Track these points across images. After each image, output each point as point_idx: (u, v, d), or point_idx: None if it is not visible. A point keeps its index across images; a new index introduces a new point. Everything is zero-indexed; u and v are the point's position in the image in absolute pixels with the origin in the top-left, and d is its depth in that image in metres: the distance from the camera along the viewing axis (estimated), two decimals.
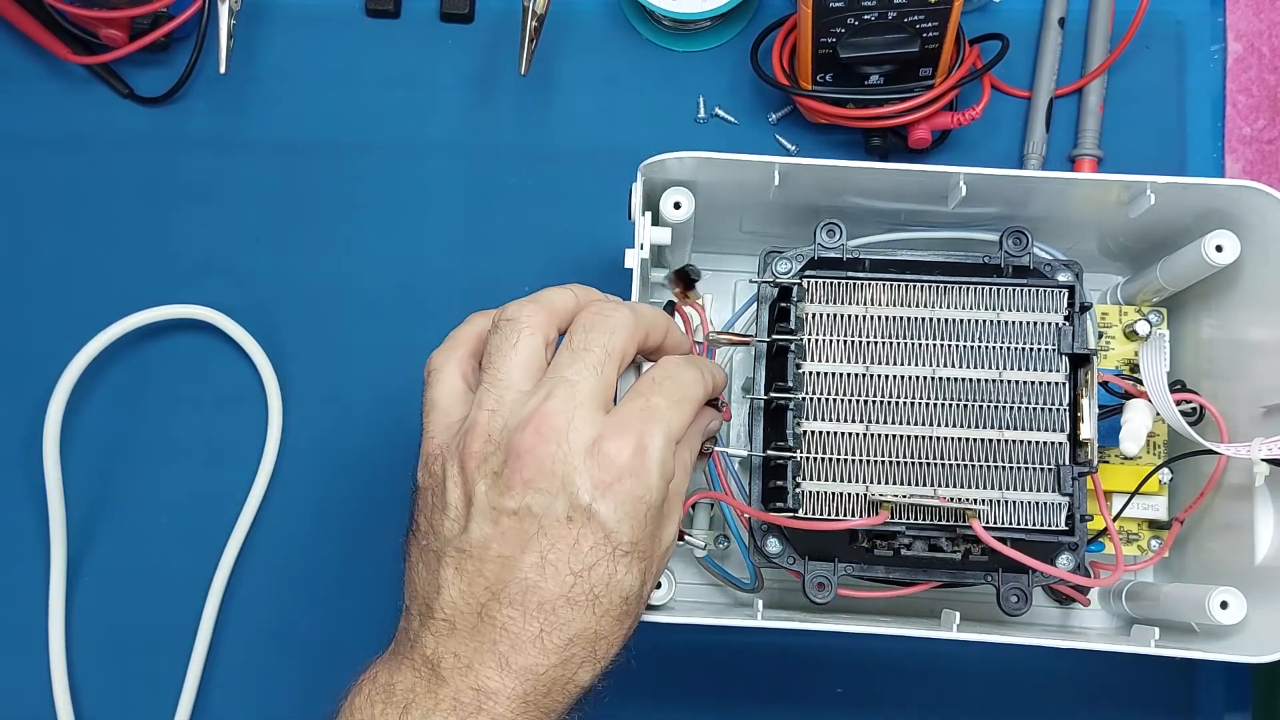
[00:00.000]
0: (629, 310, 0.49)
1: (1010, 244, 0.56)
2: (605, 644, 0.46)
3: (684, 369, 0.49)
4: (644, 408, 0.47)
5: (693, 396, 0.49)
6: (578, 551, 0.45)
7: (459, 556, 0.46)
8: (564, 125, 0.72)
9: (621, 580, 0.45)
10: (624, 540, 0.45)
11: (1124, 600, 0.62)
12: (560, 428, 0.45)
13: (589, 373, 0.46)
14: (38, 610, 0.67)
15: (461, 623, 0.45)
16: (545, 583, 0.44)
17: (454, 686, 0.44)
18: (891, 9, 0.62)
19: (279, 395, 0.69)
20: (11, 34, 0.72)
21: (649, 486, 0.46)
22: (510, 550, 0.45)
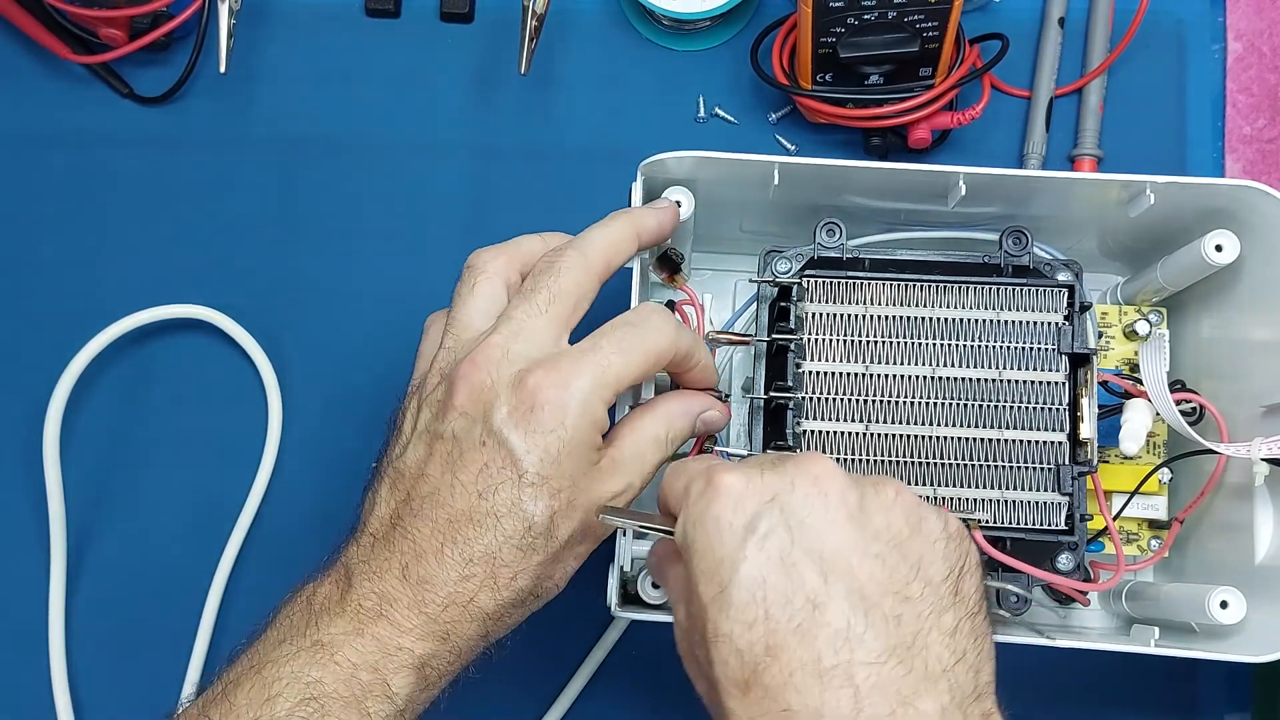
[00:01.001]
0: (577, 251, 0.50)
1: (1010, 244, 0.56)
2: (507, 572, 0.47)
3: (647, 316, 0.50)
4: (584, 349, 0.48)
5: (646, 347, 0.49)
6: (486, 473, 0.46)
7: (394, 476, 0.49)
8: (564, 125, 0.72)
9: (526, 508, 0.46)
10: (530, 470, 0.46)
11: (1124, 600, 0.62)
12: (494, 359, 0.47)
13: (534, 311, 0.48)
14: (38, 610, 0.67)
15: (381, 535, 0.48)
16: (454, 500, 0.46)
17: (359, 592, 0.47)
18: (891, 9, 0.62)
19: (279, 395, 0.69)
20: (11, 33, 0.72)
21: (563, 421, 0.46)
22: (434, 471, 0.47)
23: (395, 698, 0.46)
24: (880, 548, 0.41)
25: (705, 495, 0.43)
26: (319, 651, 0.46)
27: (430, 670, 0.47)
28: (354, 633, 0.46)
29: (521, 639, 0.66)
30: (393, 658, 0.46)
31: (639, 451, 0.50)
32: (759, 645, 0.40)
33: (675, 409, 0.51)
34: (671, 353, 0.50)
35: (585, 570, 0.56)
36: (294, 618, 0.48)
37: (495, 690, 0.66)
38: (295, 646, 0.46)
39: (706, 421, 0.53)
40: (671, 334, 0.50)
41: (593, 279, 0.50)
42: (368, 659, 0.46)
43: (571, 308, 0.49)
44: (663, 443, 0.50)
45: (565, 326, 0.49)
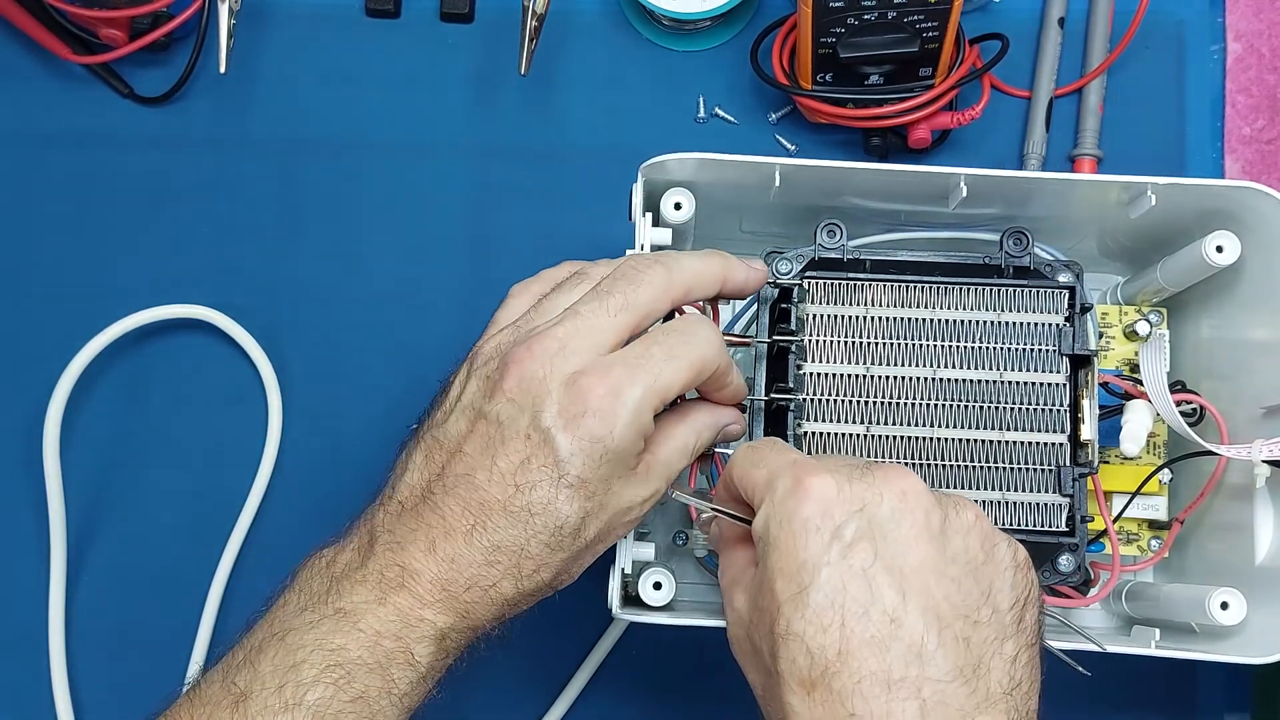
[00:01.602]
0: (664, 269, 0.49)
1: (1010, 244, 0.56)
2: (531, 564, 0.47)
3: (696, 327, 0.50)
4: (637, 355, 0.48)
5: (694, 356, 0.48)
6: (526, 468, 0.46)
7: (431, 444, 0.49)
8: (564, 125, 0.72)
9: (560, 509, 0.46)
10: (572, 473, 0.46)
11: (1124, 600, 0.62)
12: (551, 351, 0.47)
13: (601, 313, 0.48)
14: (38, 610, 0.67)
15: (410, 505, 0.48)
16: (489, 486, 0.46)
17: (382, 561, 0.47)
18: (891, 9, 0.62)
19: (279, 395, 0.68)
20: (11, 34, 0.72)
21: (611, 430, 0.46)
22: (473, 450, 0.47)
23: (418, 665, 0.47)
24: (957, 570, 0.42)
25: (794, 495, 0.43)
26: (342, 619, 0.46)
27: (449, 641, 0.48)
28: (376, 601, 0.47)
29: (522, 639, 0.67)
30: (414, 628, 0.47)
31: (669, 459, 0.50)
32: (831, 649, 0.40)
33: (705, 420, 0.52)
34: (715, 365, 0.50)
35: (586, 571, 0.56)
36: (314, 584, 0.48)
37: (495, 690, 0.66)
38: (318, 614, 0.47)
39: (727, 434, 0.53)
40: (718, 346, 0.50)
41: (668, 300, 0.49)
42: (390, 628, 0.46)
43: (640, 320, 0.49)
44: (689, 451, 0.51)
45: (628, 336, 0.49)
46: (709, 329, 0.50)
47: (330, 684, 0.45)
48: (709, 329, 0.50)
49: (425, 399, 0.68)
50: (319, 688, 0.45)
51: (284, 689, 0.45)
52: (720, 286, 0.52)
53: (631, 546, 0.54)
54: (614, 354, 0.48)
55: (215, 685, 0.47)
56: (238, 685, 0.46)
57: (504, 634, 0.51)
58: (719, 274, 0.51)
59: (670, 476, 0.50)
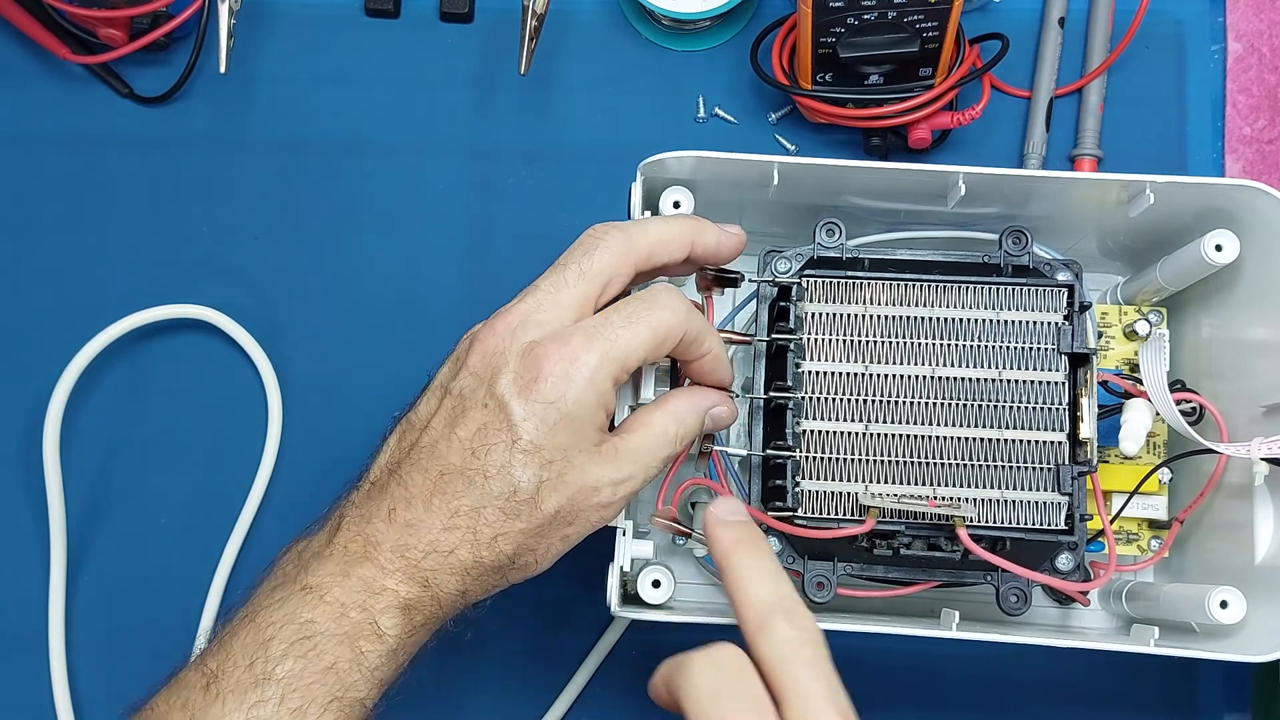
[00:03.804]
0: (621, 234, 0.50)
1: (1010, 243, 0.56)
2: (489, 531, 0.48)
3: (658, 294, 0.50)
4: (595, 324, 0.48)
5: (654, 321, 0.49)
6: (482, 433, 0.47)
7: (405, 426, 0.51)
8: (564, 125, 0.72)
9: (515, 474, 0.47)
10: (524, 437, 0.47)
11: (1124, 600, 0.62)
12: (512, 324, 0.48)
13: (559, 284, 0.49)
14: (38, 610, 0.67)
15: (378, 482, 0.50)
16: (449, 453, 0.48)
17: (347, 535, 0.49)
18: (891, 9, 0.62)
19: (279, 395, 0.69)
20: (11, 34, 0.72)
21: (564, 394, 0.47)
22: (438, 424, 0.49)
23: (385, 637, 0.47)
24: None
25: None
26: (309, 594, 0.47)
27: (416, 614, 0.48)
28: (341, 574, 0.48)
29: (522, 639, 0.67)
30: (379, 597, 0.47)
31: (647, 444, 0.50)
32: None
33: (684, 405, 0.51)
34: (681, 331, 0.50)
35: (585, 570, 0.56)
36: (286, 568, 0.50)
37: (495, 690, 0.66)
38: (286, 592, 0.48)
39: (715, 418, 0.53)
40: (683, 312, 0.50)
41: (629, 264, 0.50)
42: (355, 598, 0.47)
43: (600, 287, 0.49)
44: (671, 439, 0.51)
45: (590, 304, 0.49)
46: (673, 296, 0.50)
47: (299, 657, 0.46)
48: (673, 296, 0.50)
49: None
50: (288, 661, 0.46)
51: (254, 665, 0.46)
52: (689, 250, 0.52)
53: (630, 544, 0.54)
54: (578, 324, 0.48)
55: (191, 671, 0.48)
56: (209, 667, 0.47)
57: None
58: (685, 237, 0.52)
59: (650, 463, 0.50)
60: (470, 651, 0.66)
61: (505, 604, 0.67)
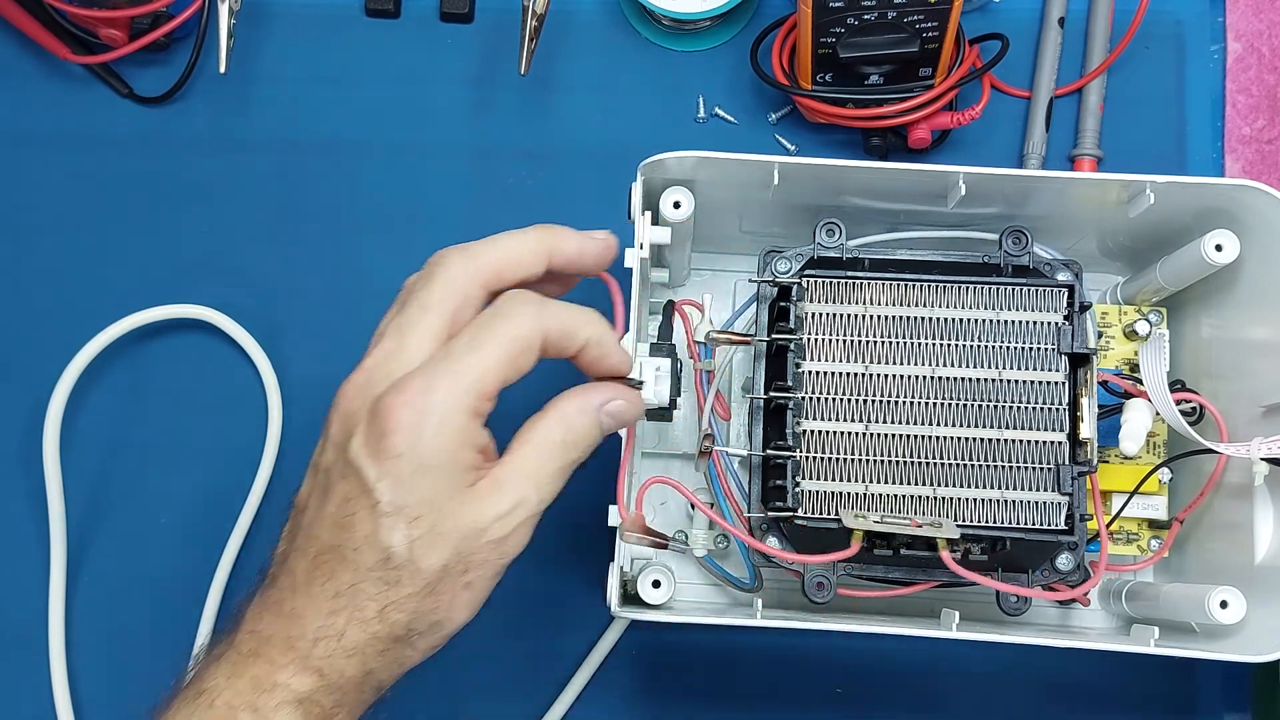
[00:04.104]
0: (460, 256, 0.47)
1: (1010, 244, 0.56)
2: (373, 605, 0.44)
3: (507, 306, 0.46)
4: (439, 357, 0.45)
5: (503, 335, 0.45)
6: (345, 505, 0.44)
7: (292, 513, 0.48)
8: (564, 125, 0.72)
9: (383, 539, 0.44)
10: (384, 500, 0.44)
11: (1124, 600, 0.62)
12: (360, 383, 0.46)
13: (404, 326, 0.46)
14: (38, 610, 0.67)
15: (271, 575, 0.47)
16: (322, 532, 0.45)
17: (240, 635, 0.46)
18: (891, 9, 0.62)
19: (279, 395, 0.68)
20: (11, 34, 0.72)
21: (416, 445, 0.43)
22: (313, 504, 0.46)
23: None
24: None
25: None
26: (200, 698, 0.45)
27: (315, 707, 0.45)
28: (233, 675, 0.45)
29: (522, 639, 0.67)
30: (270, 694, 0.44)
31: (536, 463, 0.46)
32: None
33: (570, 408, 0.47)
34: (539, 335, 0.45)
35: (585, 570, 0.57)
36: (189, 675, 0.47)
37: (496, 690, 0.66)
38: (182, 699, 0.46)
39: (611, 413, 0.48)
40: (532, 316, 0.45)
41: (475, 286, 0.47)
42: (245, 699, 0.44)
43: (448, 317, 0.46)
44: (562, 447, 0.47)
45: (441, 338, 0.46)
46: (518, 301, 0.46)
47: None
48: (518, 301, 0.46)
49: None
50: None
51: None
52: (546, 261, 0.48)
53: (631, 545, 0.54)
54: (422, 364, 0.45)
55: None
56: None
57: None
58: (538, 249, 0.48)
59: (544, 483, 0.46)
60: (470, 652, 0.66)
61: (505, 604, 0.67)
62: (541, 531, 0.51)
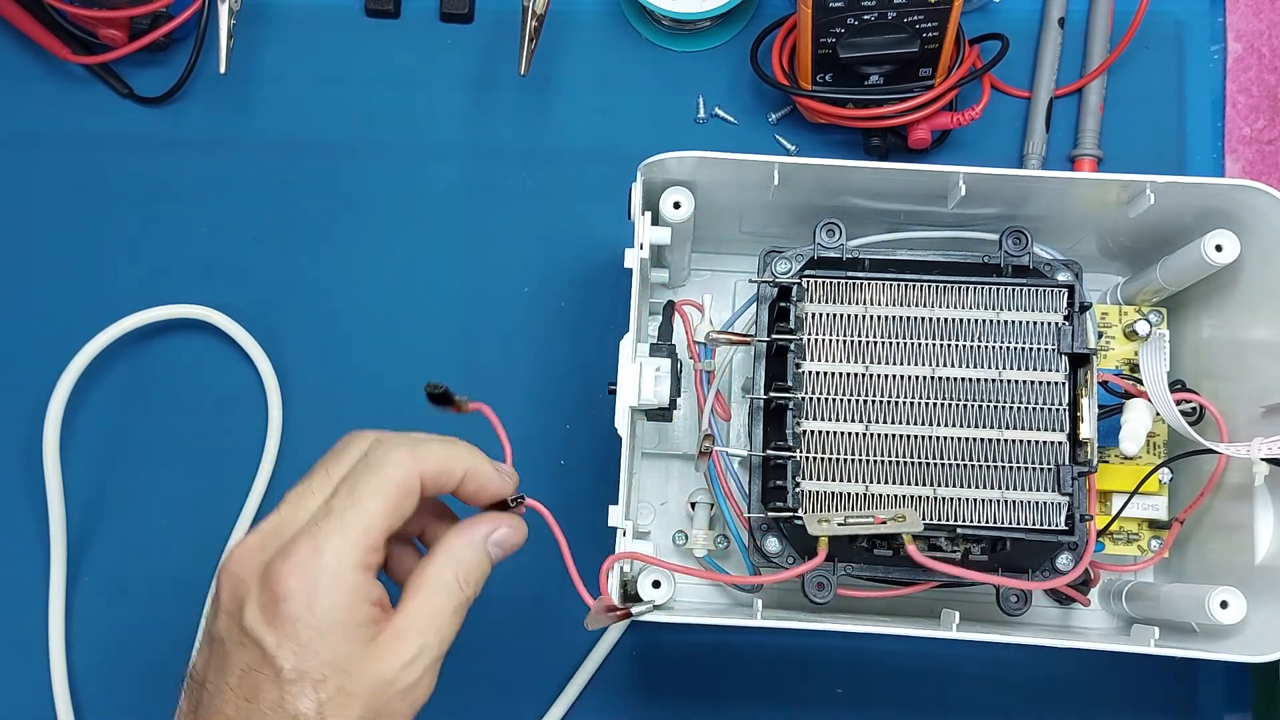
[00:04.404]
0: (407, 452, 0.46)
1: (1010, 244, 0.56)
2: None
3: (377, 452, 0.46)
4: (320, 516, 0.44)
5: (382, 484, 0.44)
6: (247, 676, 0.43)
7: (188, 685, 0.46)
8: (564, 125, 0.72)
9: (289, 708, 0.42)
10: (286, 666, 0.43)
11: (1124, 600, 0.62)
12: (251, 548, 0.45)
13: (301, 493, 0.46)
14: (38, 610, 0.67)
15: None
16: (226, 706, 0.43)
17: None
18: (891, 9, 0.62)
19: (279, 395, 0.68)
20: (11, 34, 0.72)
21: (310, 608, 0.43)
22: (212, 676, 0.44)
23: None
24: None
25: None
26: None
27: None
28: None
29: (522, 639, 0.67)
30: None
31: (433, 606, 0.46)
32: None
33: (456, 545, 0.47)
34: (417, 479, 0.45)
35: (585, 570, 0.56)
36: None
37: (495, 690, 0.66)
38: None
39: (498, 543, 0.48)
40: (408, 459, 0.45)
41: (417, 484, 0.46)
42: None
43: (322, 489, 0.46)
44: (454, 585, 0.46)
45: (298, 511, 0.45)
46: (395, 448, 0.46)
47: None
48: (395, 448, 0.46)
49: (424, 398, 0.68)
50: None
51: None
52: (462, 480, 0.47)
53: (631, 545, 0.54)
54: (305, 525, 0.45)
55: None
56: None
57: None
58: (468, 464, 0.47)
59: (443, 624, 0.46)
60: (470, 652, 0.66)
61: (506, 604, 0.67)
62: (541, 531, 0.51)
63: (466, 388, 0.68)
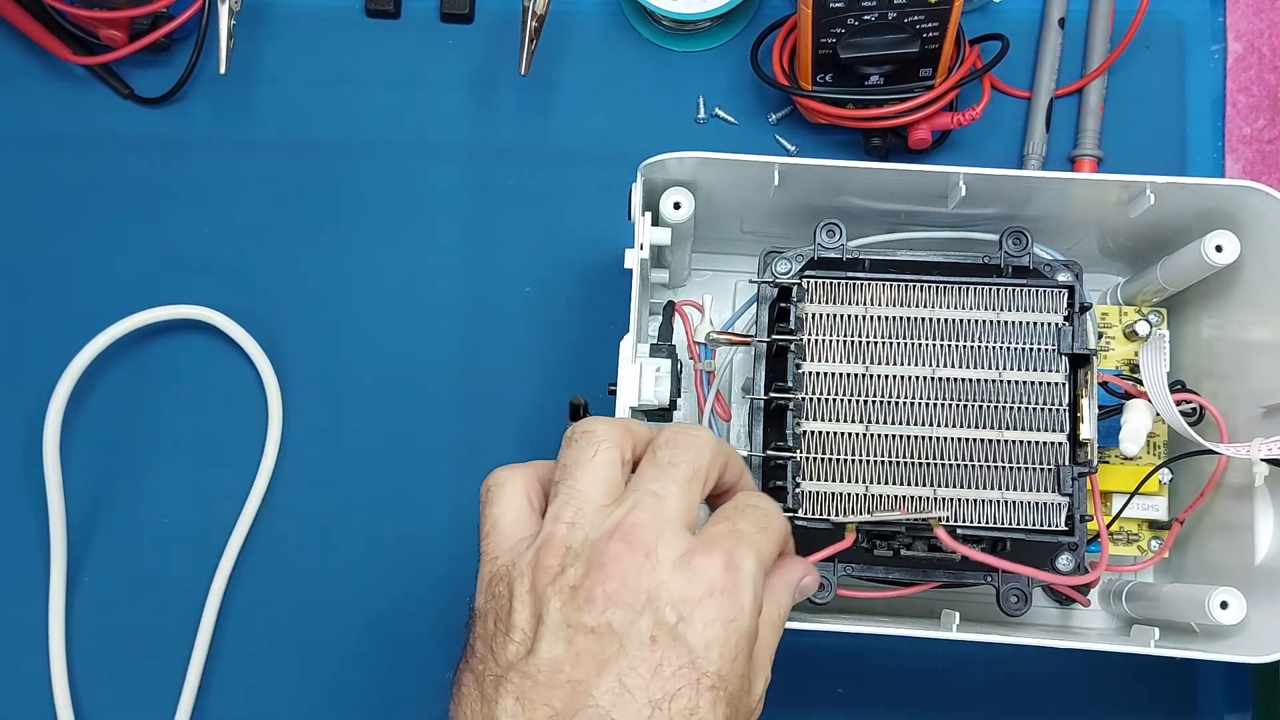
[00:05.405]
0: (711, 433, 0.45)
1: (1010, 244, 0.56)
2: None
3: (766, 500, 0.46)
4: (731, 531, 0.43)
5: (777, 529, 0.45)
6: (660, 676, 0.39)
7: (523, 682, 0.40)
8: (564, 125, 0.72)
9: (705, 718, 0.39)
10: (711, 669, 0.39)
11: (1124, 600, 0.62)
12: (649, 539, 0.41)
13: (676, 488, 0.43)
14: (38, 610, 0.67)
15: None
16: (619, 712, 0.39)
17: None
18: (891, 9, 0.62)
19: (279, 395, 0.69)
20: (11, 34, 0.72)
21: (741, 608, 0.40)
22: (583, 674, 0.39)
23: None
24: None
25: None
26: None
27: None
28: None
29: None
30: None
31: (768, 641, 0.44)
32: None
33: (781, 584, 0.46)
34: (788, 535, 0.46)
35: None
36: None
37: None
38: None
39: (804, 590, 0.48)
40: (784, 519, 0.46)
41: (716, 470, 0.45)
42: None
43: (704, 488, 0.44)
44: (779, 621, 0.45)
45: (697, 508, 0.44)
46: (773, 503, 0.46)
47: None
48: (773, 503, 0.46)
49: (424, 399, 0.69)
50: None
51: None
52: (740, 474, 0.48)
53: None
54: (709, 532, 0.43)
55: None
56: None
57: None
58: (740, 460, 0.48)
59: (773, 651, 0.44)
60: None
61: None
62: None
63: (467, 388, 0.69)
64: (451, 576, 0.67)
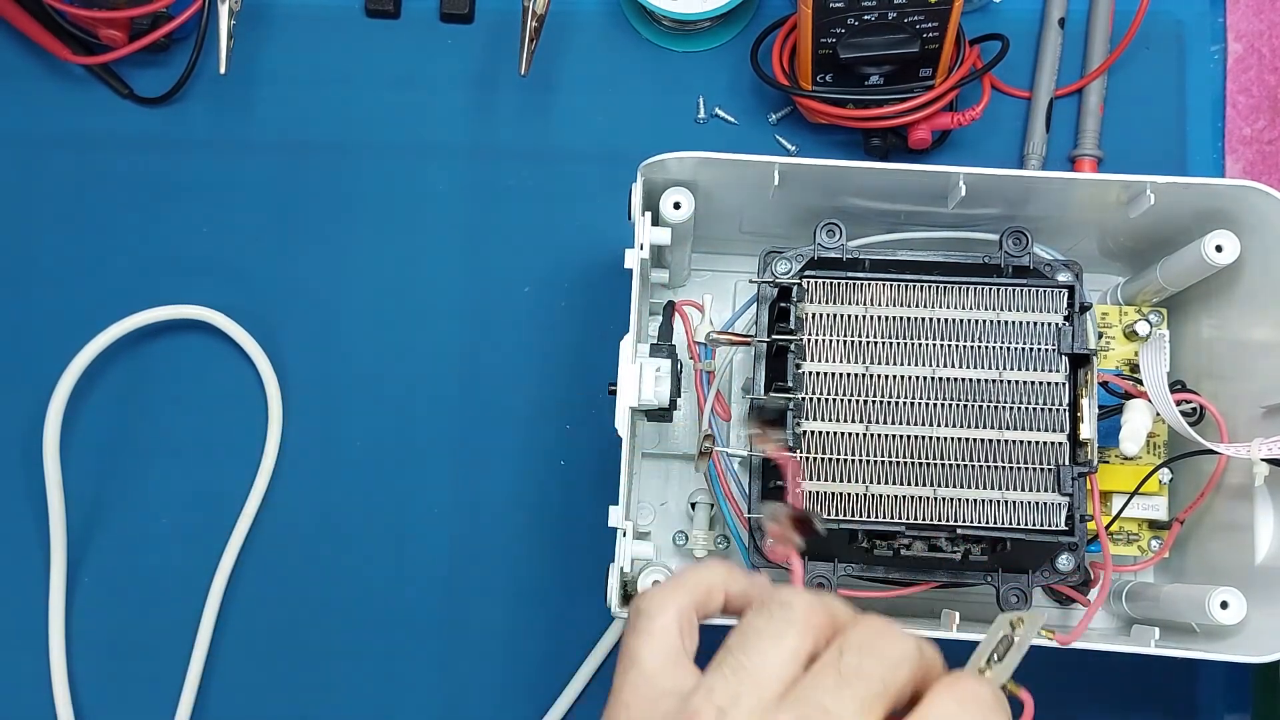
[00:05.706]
0: (914, 641, 0.37)
1: (1010, 244, 0.56)
2: None
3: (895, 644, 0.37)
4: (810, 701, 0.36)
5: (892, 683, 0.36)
6: None
7: None
8: (564, 126, 0.72)
9: None
10: None
11: (1124, 600, 0.62)
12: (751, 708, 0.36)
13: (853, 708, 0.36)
14: (38, 610, 0.67)
15: None
16: None
17: None
18: (891, 9, 0.62)
19: (279, 395, 0.69)
20: (11, 34, 0.72)
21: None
22: None
23: None
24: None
25: None
26: None
27: None
28: None
29: (522, 639, 0.67)
30: None
31: None
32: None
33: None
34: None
35: (585, 570, 0.57)
36: None
37: (495, 690, 0.66)
38: None
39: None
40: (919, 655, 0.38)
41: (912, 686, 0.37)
42: None
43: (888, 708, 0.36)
44: None
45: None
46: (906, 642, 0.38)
47: None
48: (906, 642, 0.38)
49: (424, 399, 0.69)
50: None
51: None
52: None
53: (631, 545, 0.54)
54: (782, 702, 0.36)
55: None
56: None
57: None
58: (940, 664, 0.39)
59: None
60: (470, 651, 0.66)
61: (505, 604, 0.67)
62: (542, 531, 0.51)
63: (467, 388, 0.69)
64: (450, 576, 0.67)
